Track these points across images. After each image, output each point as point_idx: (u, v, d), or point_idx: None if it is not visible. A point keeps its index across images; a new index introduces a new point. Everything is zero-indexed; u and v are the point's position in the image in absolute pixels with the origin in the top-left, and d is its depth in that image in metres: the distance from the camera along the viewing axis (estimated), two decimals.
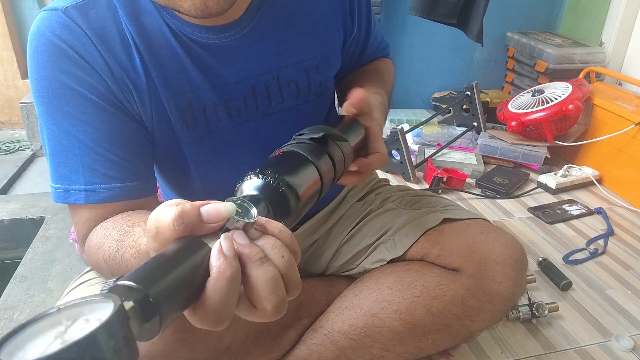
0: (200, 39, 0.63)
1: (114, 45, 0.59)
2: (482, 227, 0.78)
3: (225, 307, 0.34)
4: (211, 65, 0.64)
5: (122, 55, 0.60)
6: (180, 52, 0.62)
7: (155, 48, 0.61)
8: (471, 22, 1.51)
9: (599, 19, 1.93)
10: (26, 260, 1.19)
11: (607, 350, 0.94)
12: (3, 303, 1.04)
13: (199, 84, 0.64)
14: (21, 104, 1.75)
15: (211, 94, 0.65)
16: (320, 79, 0.74)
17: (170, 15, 0.61)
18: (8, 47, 1.87)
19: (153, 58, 0.61)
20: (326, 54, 0.74)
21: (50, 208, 1.41)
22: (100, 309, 0.26)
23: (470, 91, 1.80)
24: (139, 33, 0.60)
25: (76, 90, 0.58)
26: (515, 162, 1.68)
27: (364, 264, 0.81)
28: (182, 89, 0.64)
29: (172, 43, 0.62)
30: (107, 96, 0.59)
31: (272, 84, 0.69)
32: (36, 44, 0.58)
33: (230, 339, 0.66)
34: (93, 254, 0.58)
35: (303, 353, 0.74)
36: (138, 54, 0.60)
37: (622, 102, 1.59)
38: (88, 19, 0.58)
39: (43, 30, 0.58)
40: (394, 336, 0.72)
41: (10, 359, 0.23)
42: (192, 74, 0.64)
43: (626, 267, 1.20)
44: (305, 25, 0.70)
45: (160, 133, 0.65)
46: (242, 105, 0.68)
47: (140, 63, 0.61)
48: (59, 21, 0.58)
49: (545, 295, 1.08)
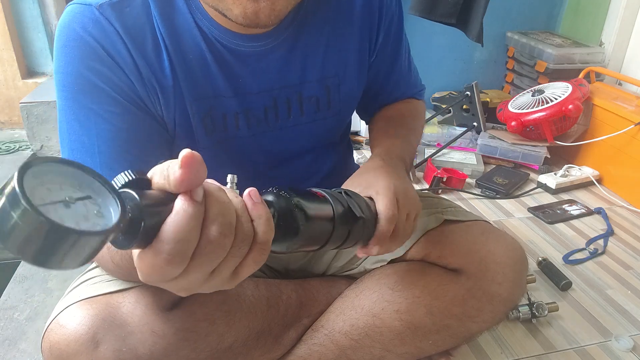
0: (230, 45, 0.63)
1: (145, 45, 0.59)
2: (483, 229, 0.78)
3: (179, 244, 0.33)
4: (237, 73, 0.65)
5: (151, 56, 0.60)
6: (209, 56, 0.63)
7: (185, 50, 0.61)
8: (471, 22, 1.51)
9: (599, 19, 1.93)
10: None
11: (607, 350, 0.94)
12: (3, 303, 1.04)
13: (222, 90, 0.65)
14: (21, 104, 1.74)
15: (233, 101, 0.66)
16: (340, 97, 0.74)
17: (204, 17, 0.61)
18: (8, 47, 1.87)
19: (181, 60, 0.61)
20: (350, 73, 0.74)
21: None
22: (109, 205, 0.30)
23: (470, 91, 1.80)
24: (170, 34, 0.60)
25: (101, 89, 0.58)
26: (515, 162, 1.68)
27: (365, 264, 0.81)
28: (206, 93, 0.64)
29: (202, 47, 0.62)
30: (131, 96, 0.60)
31: (294, 98, 0.70)
32: (66, 38, 0.58)
33: (232, 338, 0.66)
34: None
35: (303, 353, 0.74)
36: (167, 55, 0.61)
37: (622, 102, 1.59)
38: (122, 18, 0.58)
39: (74, 25, 0.58)
40: (394, 336, 0.72)
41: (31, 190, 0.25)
42: (217, 80, 0.64)
43: (626, 267, 1.20)
44: (334, 43, 0.70)
45: (180, 135, 0.65)
46: (262, 116, 0.68)
47: (169, 64, 0.61)
48: (92, 17, 0.57)
49: (545, 295, 1.08)
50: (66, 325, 0.59)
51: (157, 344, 0.60)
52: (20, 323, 0.98)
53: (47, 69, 2.00)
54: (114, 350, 0.58)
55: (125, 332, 0.59)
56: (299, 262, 0.86)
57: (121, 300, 0.61)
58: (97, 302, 0.61)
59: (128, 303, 0.61)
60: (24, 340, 0.94)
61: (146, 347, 0.59)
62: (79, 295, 0.62)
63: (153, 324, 0.61)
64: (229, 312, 0.67)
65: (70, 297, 0.63)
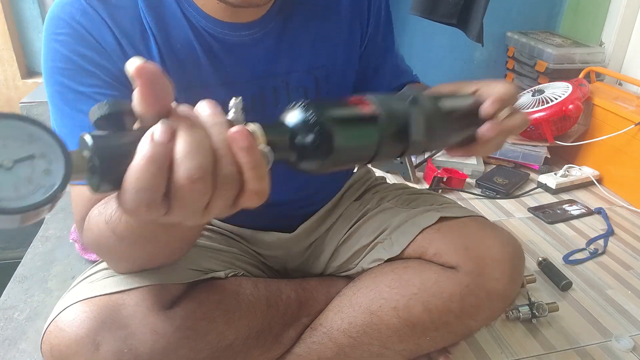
0: (217, 34, 0.64)
1: (133, 35, 0.61)
2: (479, 225, 0.78)
3: (140, 193, 0.32)
4: (224, 62, 0.65)
5: (139, 45, 0.61)
6: (197, 46, 0.63)
7: (172, 39, 0.62)
8: (471, 22, 1.51)
9: (599, 19, 1.93)
10: (26, 260, 1.19)
11: (607, 351, 0.94)
12: (3, 303, 1.04)
13: (211, 79, 0.65)
14: (21, 104, 1.74)
15: (220, 90, 0.66)
16: (329, 88, 0.74)
17: (190, 6, 0.62)
18: (8, 47, 1.87)
19: (169, 50, 0.62)
20: (339, 64, 0.74)
21: None
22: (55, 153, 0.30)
23: None
24: (157, 24, 0.62)
25: (92, 72, 0.59)
26: (515, 162, 1.68)
27: (362, 263, 0.81)
28: (194, 82, 0.65)
29: (189, 36, 0.63)
30: (122, 80, 0.60)
31: (281, 87, 0.70)
32: (54, 27, 0.59)
33: (232, 337, 0.66)
34: (94, 224, 0.57)
35: (302, 351, 0.74)
36: (155, 44, 0.62)
37: (622, 102, 1.59)
38: (109, 8, 0.60)
39: (63, 15, 0.59)
40: (392, 333, 0.72)
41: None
42: (205, 69, 0.65)
43: (626, 267, 1.20)
44: (322, 34, 0.71)
45: None
46: (249, 105, 0.68)
47: (158, 53, 0.62)
48: (79, 8, 0.59)
49: (545, 295, 1.08)
50: (66, 327, 0.59)
51: (157, 342, 0.60)
52: (20, 323, 0.98)
53: None
54: (115, 352, 0.58)
55: (126, 333, 0.59)
56: (296, 262, 0.87)
57: (122, 301, 0.61)
58: (98, 303, 0.60)
59: (129, 304, 0.61)
60: (23, 340, 0.94)
61: (146, 347, 0.59)
62: (79, 295, 0.62)
63: (154, 324, 0.61)
64: (228, 311, 0.67)
65: (70, 297, 0.63)
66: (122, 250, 0.58)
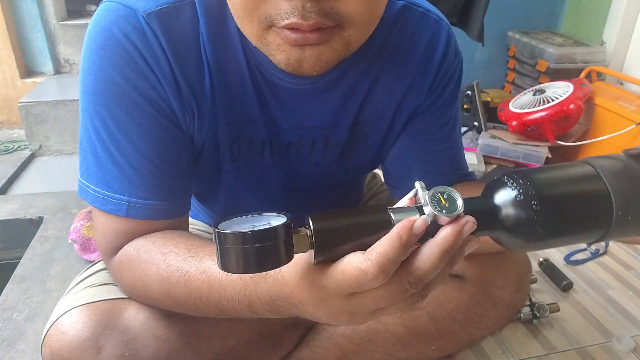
0: (270, 77, 0.60)
1: (189, 64, 0.56)
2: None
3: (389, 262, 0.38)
4: (271, 104, 0.62)
5: (194, 75, 0.57)
6: (248, 83, 0.60)
7: (227, 74, 0.59)
8: (472, 21, 1.51)
9: (600, 18, 1.93)
10: (25, 260, 1.18)
11: (608, 351, 0.94)
12: (2, 303, 1.03)
13: (254, 117, 0.62)
14: (20, 103, 1.74)
15: (262, 129, 0.64)
16: (365, 146, 0.71)
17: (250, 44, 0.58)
18: (7, 47, 1.86)
19: (222, 83, 0.59)
20: (381, 126, 0.69)
21: (49, 208, 1.40)
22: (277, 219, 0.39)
23: (471, 91, 1.80)
24: (216, 56, 0.57)
25: (136, 100, 0.55)
26: (516, 162, 1.67)
27: None
28: (239, 118, 0.62)
29: (244, 72, 0.59)
30: (166, 112, 0.57)
31: (319, 141, 0.67)
32: (104, 40, 0.54)
33: (234, 340, 0.66)
34: (137, 267, 0.56)
35: (305, 355, 0.74)
36: (209, 76, 0.58)
37: (623, 102, 1.59)
38: (168, 31, 0.54)
39: (114, 28, 0.53)
40: (397, 341, 0.72)
41: (224, 230, 0.37)
42: (251, 107, 0.61)
43: (627, 268, 1.20)
44: (374, 93, 0.66)
45: (204, 158, 0.63)
46: (284, 149, 0.67)
47: (210, 87, 0.58)
48: (136, 25, 0.53)
49: (547, 295, 1.08)
50: (68, 330, 0.58)
51: (160, 348, 0.59)
52: (19, 324, 0.98)
53: (45, 68, 1.99)
54: (117, 356, 0.57)
55: (128, 338, 0.58)
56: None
57: (124, 305, 0.60)
58: (100, 307, 0.60)
59: (131, 309, 0.60)
60: (22, 341, 0.94)
61: (149, 352, 0.59)
62: (80, 300, 0.61)
63: (157, 329, 0.60)
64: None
65: (70, 301, 0.62)
66: (165, 304, 0.57)
